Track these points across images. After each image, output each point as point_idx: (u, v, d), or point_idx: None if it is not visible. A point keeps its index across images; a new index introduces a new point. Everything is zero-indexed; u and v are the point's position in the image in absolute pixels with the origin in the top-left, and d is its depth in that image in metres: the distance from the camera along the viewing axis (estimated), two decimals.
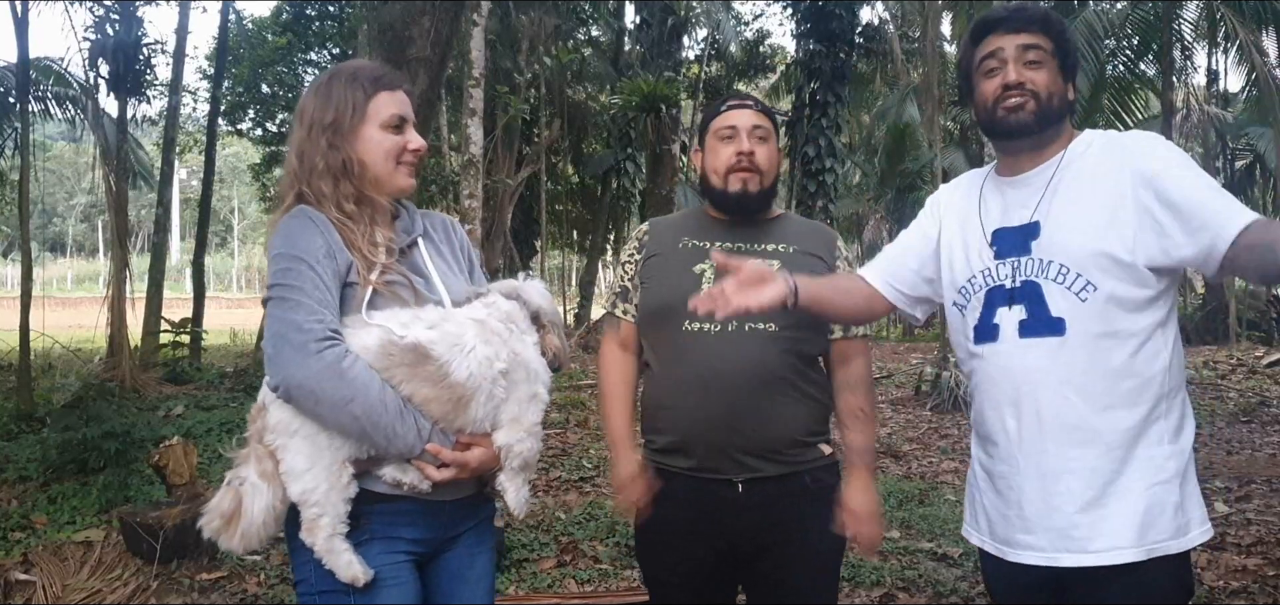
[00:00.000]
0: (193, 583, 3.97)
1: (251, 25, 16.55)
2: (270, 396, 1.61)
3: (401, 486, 1.65)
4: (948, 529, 4.80)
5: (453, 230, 1.93)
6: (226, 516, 1.63)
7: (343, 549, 1.61)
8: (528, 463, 1.74)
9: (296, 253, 1.61)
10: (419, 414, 1.62)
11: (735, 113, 2.16)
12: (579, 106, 17.40)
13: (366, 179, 1.72)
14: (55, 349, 10.80)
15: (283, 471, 1.61)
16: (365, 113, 1.73)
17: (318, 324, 1.56)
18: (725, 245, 2.11)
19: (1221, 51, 15.50)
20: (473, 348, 1.64)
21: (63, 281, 39.24)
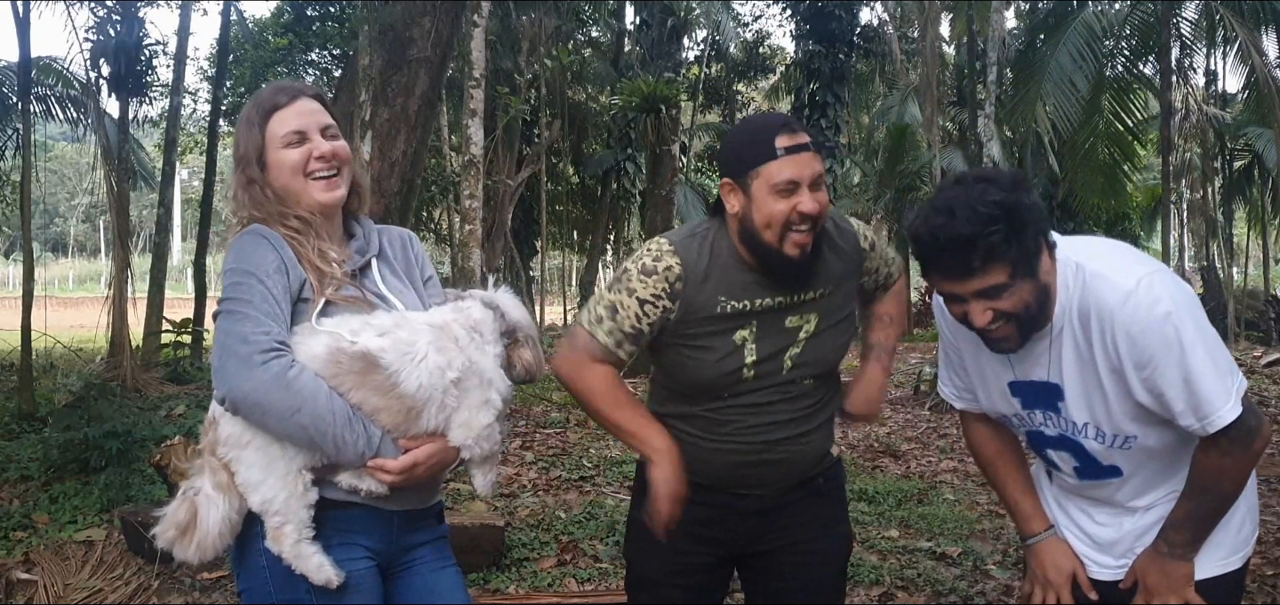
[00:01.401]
0: (194, 582, 3.98)
1: (253, 26, 16.56)
2: (220, 410, 1.62)
3: (358, 493, 1.66)
4: (947, 528, 4.82)
5: (409, 245, 1.92)
6: (181, 527, 1.65)
7: (312, 552, 1.61)
8: (490, 455, 1.74)
9: (247, 267, 1.63)
10: (369, 422, 1.62)
11: (797, 160, 1.80)
12: (579, 107, 17.42)
13: (287, 200, 1.74)
14: (57, 349, 10.81)
15: (240, 483, 1.62)
16: (263, 141, 1.76)
17: (263, 335, 1.57)
18: (764, 302, 1.90)
19: (1220, 52, 15.50)
20: (424, 356, 1.63)
21: (64, 281, 39.22)
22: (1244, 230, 22.63)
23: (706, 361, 1.91)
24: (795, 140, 1.82)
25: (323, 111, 1.79)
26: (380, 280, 1.79)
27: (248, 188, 1.75)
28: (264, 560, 1.64)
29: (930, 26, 13.15)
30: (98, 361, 10.87)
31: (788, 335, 1.92)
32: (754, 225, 1.84)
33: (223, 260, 1.70)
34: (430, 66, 5.63)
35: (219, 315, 1.62)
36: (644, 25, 18.97)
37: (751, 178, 1.83)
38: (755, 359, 1.90)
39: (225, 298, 1.62)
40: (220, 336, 1.60)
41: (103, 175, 11.26)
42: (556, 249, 20.79)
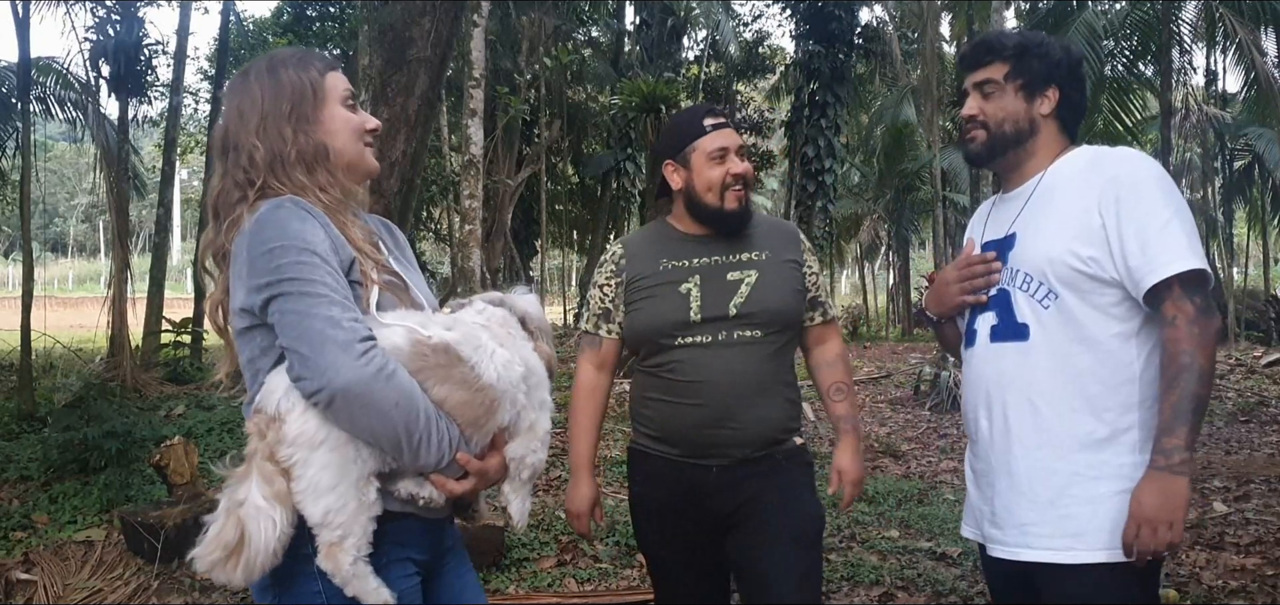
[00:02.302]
0: (193, 582, 3.98)
1: (252, 26, 16.56)
2: (289, 405, 1.42)
3: (416, 501, 1.52)
4: (946, 528, 4.82)
5: (396, 232, 1.80)
6: (230, 548, 1.41)
7: (369, 573, 1.44)
8: (536, 473, 1.65)
9: (304, 244, 1.42)
10: (449, 422, 1.49)
11: (723, 133, 2.22)
12: (579, 107, 17.42)
13: (340, 164, 1.58)
14: (56, 349, 10.81)
15: (299, 490, 1.41)
16: (324, 92, 1.58)
17: (355, 322, 1.39)
18: (704, 261, 2.21)
19: (1220, 51, 15.50)
20: (494, 350, 1.54)
21: (64, 281, 39.22)
22: (1244, 230, 22.63)
23: (659, 308, 2.20)
24: (718, 119, 2.25)
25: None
26: (390, 261, 1.66)
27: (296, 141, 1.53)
28: (318, 585, 1.44)
29: (930, 27, 13.14)
30: (97, 362, 10.87)
31: (730, 287, 2.19)
32: (697, 191, 2.22)
33: (251, 237, 1.44)
34: (430, 66, 5.62)
35: (284, 297, 1.40)
36: (644, 25, 18.97)
37: (689, 152, 2.23)
38: (701, 303, 2.17)
39: (289, 278, 1.40)
40: (306, 320, 1.38)
41: (102, 175, 11.26)
42: (556, 249, 20.79)
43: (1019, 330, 1.83)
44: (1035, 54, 1.88)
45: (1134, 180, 1.75)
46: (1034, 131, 1.89)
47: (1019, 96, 1.87)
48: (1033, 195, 1.88)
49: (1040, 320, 1.80)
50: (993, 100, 1.89)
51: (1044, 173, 1.88)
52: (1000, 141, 1.90)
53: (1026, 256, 1.84)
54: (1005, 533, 1.86)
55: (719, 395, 2.13)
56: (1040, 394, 1.81)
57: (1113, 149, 1.87)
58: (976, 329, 1.93)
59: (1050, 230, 1.80)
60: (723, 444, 2.15)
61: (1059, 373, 1.79)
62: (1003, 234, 1.91)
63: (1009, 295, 1.86)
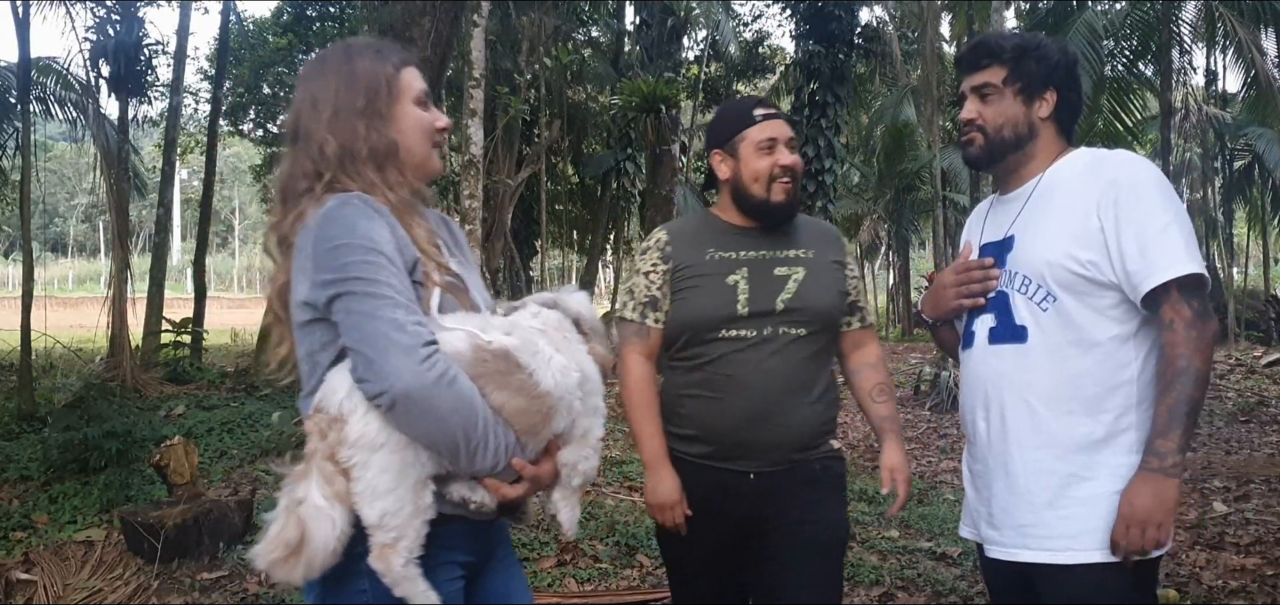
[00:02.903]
0: (193, 582, 3.98)
1: (252, 26, 16.56)
2: (351, 406, 1.42)
3: (468, 505, 1.52)
4: (947, 528, 4.82)
5: (454, 230, 1.78)
6: (291, 546, 1.41)
7: (418, 575, 1.44)
8: (587, 480, 1.64)
9: (371, 244, 1.41)
10: (505, 428, 1.48)
11: (772, 124, 2.18)
12: (579, 107, 17.41)
13: (409, 163, 1.57)
14: (56, 349, 10.81)
15: (358, 491, 1.42)
16: (398, 89, 1.57)
17: (419, 326, 1.39)
18: (752, 254, 2.17)
19: (1220, 51, 15.50)
20: (551, 356, 1.53)
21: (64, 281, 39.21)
22: (1244, 230, 22.63)
23: (705, 300, 2.15)
24: (769, 110, 2.21)
25: None
26: (450, 261, 1.63)
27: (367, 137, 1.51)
28: (366, 583, 1.45)
29: (930, 27, 13.14)
30: (97, 362, 10.87)
31: (778, 282, 2.15)
32: (744, 182, 2.17)
33: (318, 231, 1.44)
34: (430, 66, 5.63)
35: (348, 297, 1.40)
36: (644, 25, 18.95)
37: (738, 142, 2.19)
38: (748, 296, 2.13)
39: (353, 278, 1.39)
40: (368, 322, 1.38)
41: (102, 175, 11.26)
42: (556, 249, 20.78)
43: (1017, 332, 1.83)
44: (1033, 57, 1.87)
45: (1133, 183, 1.75)
46: (1033, 135, 1.89)
47: (1017, 100, 1.87)
48: (1031, 198, 1.88)
49: (1038, 322, 1.81)
50: (991, 104, 1.89)
51: (1042, 175, 1.88)
52: (999, 146, 1.90)
53: (1025, 259, 1.84)
54: (1003, 534, 1.86)
55: (760, 394, 2.09)
56: (1038, 395, 1.81)
57: (1111, 152, 1.87)
58: (975, 331, 1.93)
59: (1049, 233, 1.81)
60: (760, 446, 2.10)
61: (1057, 374, 1.79)
62: (1001, 236, 1.91)
63: (1007, 297, 1.87)
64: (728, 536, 2.17)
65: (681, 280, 2.18)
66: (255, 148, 20.16)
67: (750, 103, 2.24)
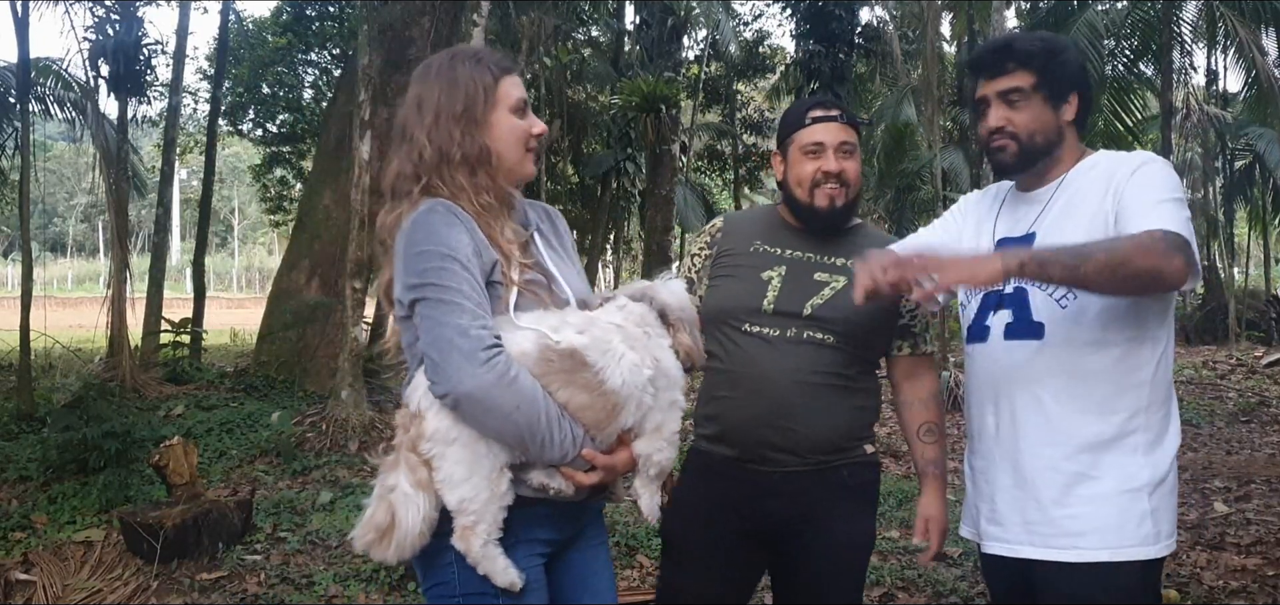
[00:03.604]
0: (193, 582, 3.97)
1: (251, 26, 16.55)
2: (427, 403, 1.56)
3: (547, 491, 1.62)
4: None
5: (556, 219, 1.88)
6: (382, 529, 1.58)
7: (498, 554, 1.57)
8: (664, 470, 1.71)
9: (448, 250, 1.53)
10: (573, 422, 1.58)
11: (822, 127, 2.12)
12: (579, 106, 17.39)
13: (501, 169, 1.66)
14: (56, 349, 10.80)
15: (439, 480, 1.56)
16: (495, 97, 1.66)
17: (483, 330, 1.51)
18: (796, 254, 2.14)
19: (1221, 51, 15.49)
20: (623, 354, 1.60)
21: (63, 281, 39.19)
22: (1244, 230, 22.61)
23: (734, 288, 2.14)
24: (825, 112, 2.14)
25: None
26: (544, 255, 1.73)
27: (462, 143, 1.61)
28: (452, 557, 1.58)
29: (930, 26, 13.13)
30: (96, 362, 10.85)
31: (814, 286, 2.11)
32: (790, 184, 2.16)
33: (406, 234, 1.57)
34: None
35: (424, 302, 1.53)
36: (644, 25, 18.95)
37: (790, 144, 2.17)
38: (777, 295, 2.10)
39: (428, 283, 1.53)
40: (436, 327, 1.51)
41: (101, 175, 11.25)
42: None
43: (1034, 329, 1.82)
44: (1061, 60, 1.86)
45: (1143, 164, 1.77)
46: (1061, 139, 1.88)
47: (1046, 106, 1.85)
48: (1053, 198, 1.87)
49: (1057, 320, 1.80)
50: (1021, 110, 1.85)
51: (1064, 177, 1.88)
52: (1031, 152, 1.87)
53: None
54: (1006, 529, 1.86)
55: (777, 392, 2.05)
56: (1051, 393, 1.80)
57: (1123, 154, 1.87)
58: (989, 325, 1.91)
59: (1071, 231, 1.79)
60: (779, 447, 2.07)
61: (1072, 372, 1.79)
62: (1021, 233, 1.90)
63: (1026, 293, 1.85)
64: (741, 535, 2.13)
65: (721, 266, 2.19)
66: (254, 147, 20.14)
67: (809, 104, 2.20)
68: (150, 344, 10.84)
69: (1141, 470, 1.75)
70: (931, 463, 2.20)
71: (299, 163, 17.38)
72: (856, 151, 2.15)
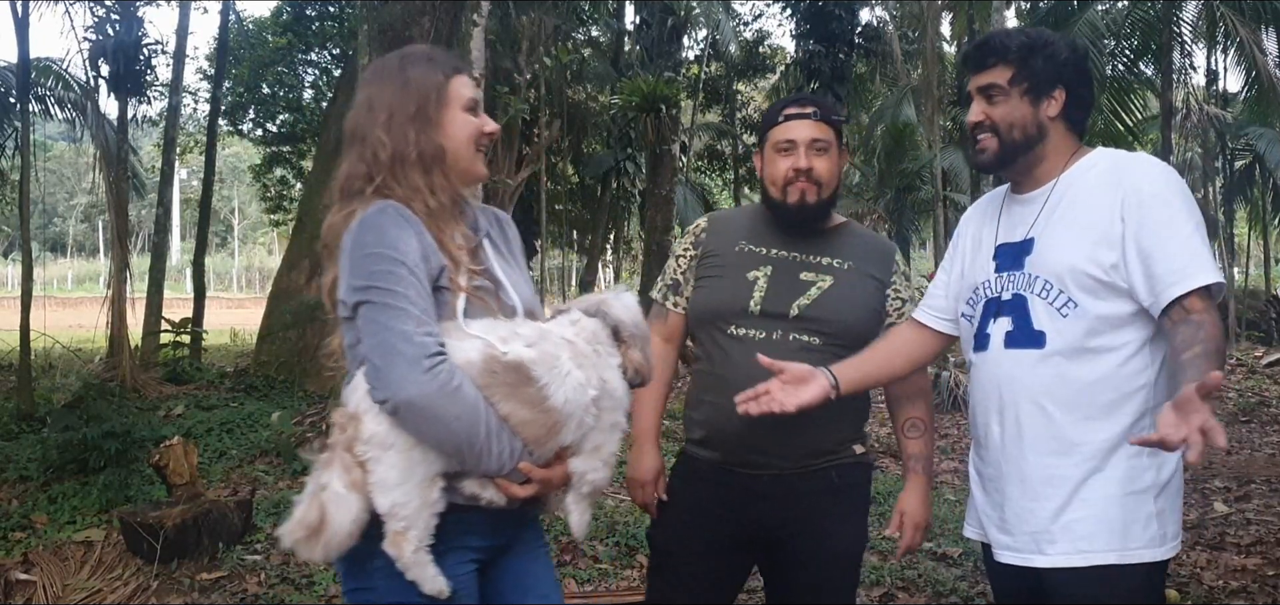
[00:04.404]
0: (193, 582, 3.97)
1: (252, 26, 16.56)
2: (367, 406, 1.53)
3: (479, 500, 1.60)
4: (947, 529, 4.81)
5: (506, 225, 1.84)
6: (312, 528, 1.55)
7: (428, 561, 1.55)
8: (597, 489, 1.70)
9: (395, 254, 1.51)
10: (512, 435, 1.56)
11: (795, 124, 2.11)
12: (579, 106, 17.39)
13: (454, 168, 1.64)
14: (56, 349, 10.80)
15: (372, 483, 1.53)
16: (447, 96, 1.64)
17: (427, 337, 1.48)
18: (781, 254, 2.13)
19: (1221, 51, 15.49)
20: (569, 372, 1.58)
21: (63, 281, 39.20)
22: (1244, 230, 22.62)
23: (720, 290, 2.13)
24: (799, 110, 2.13)
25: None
26: (493, 262, 1.71)
27: (417, 143, 1.60)
28: (380, 562, 1.56)
29: (930, 26, 13.13)
30: (96, 362, 10.86)
31: (800, 286, 2.10)
32: (766, 182, 2.15)
33: (352, 235, 1.54)
34: None
35: (368, 306, 1.50)
36: (644, 25, 18.96)
37: (766, 142, 2.16)
38: (763, 295, 2.09)
39: (372, 285, 1.50)
40: (379, 331, 1.48)
41: (101, 175, 11.25)
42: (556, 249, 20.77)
43: (1035, 337, 1.81)
44: (1042, 54, 1.83)
45: (1155, 190, 1.74)
46: (1042, 135, 1.86)
47: (1025, 100, 1.83)
48: (1049, 199, 1.85)
49: (1058, 328, 1.79)
50: (999, 105, 1.85)
51: (1059, 177, 1.86)
52: (1009, 148, 1.86)
53: (1045, 263, 1.81)
54: (1016, 539, 1.84)
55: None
56: (1054, 401, 1.79)
57: (1132, 156, 1.85)
58: (990, 334, 1.90)
59: (1071, 238, 1.78)
60: (768, 451, 2.05)
61: (1075, 380, 1.78)
62: (1019, 238, 1.88)
63: (1025, 301, 1.83)
64: (731, 541, 2.11)
65: (706, 267, 2.18)
66: (254, 147, 20.15)
67: (785, 102, 2.18)
68: (150, 344, 10.84)
69: (1146, 472, 1.74)
70: (914, 457, 2.20)
71: (299, 163, 17.38)
72: (832, 149, 2.12)
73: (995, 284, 1.90)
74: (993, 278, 1.91)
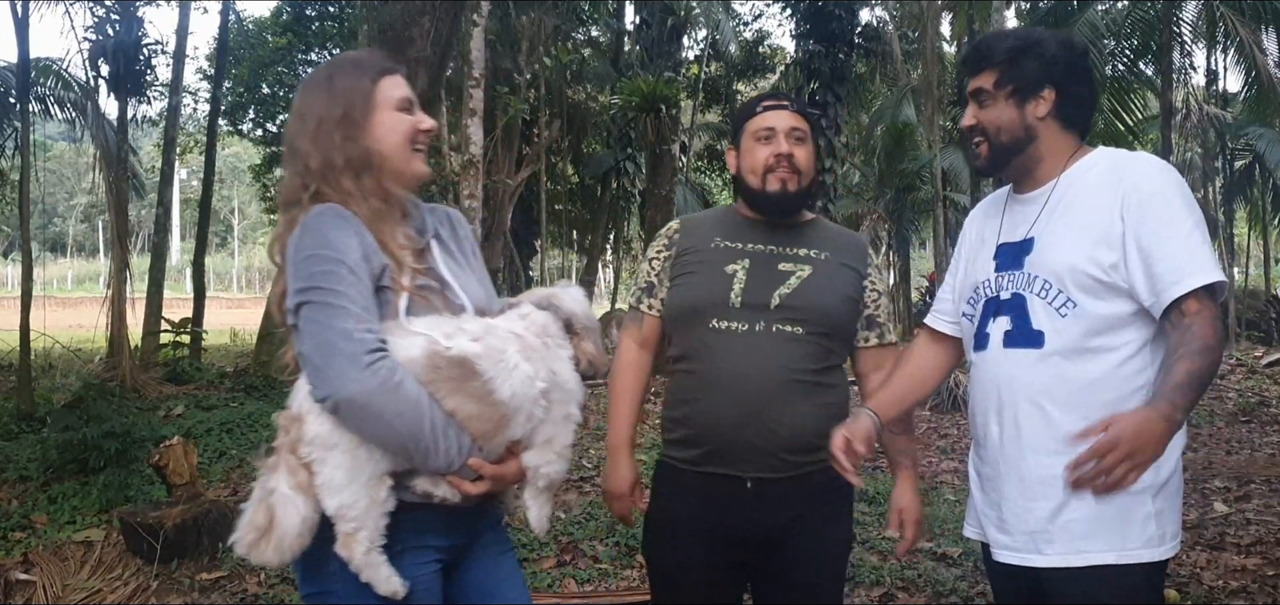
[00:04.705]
0: (193, 582, 3.98)
1: (252, 26, 16.56)
2: (309, 406, 1.53)
3: (432, 498, 1.59)
4: (947, 529, 4.81)
5: (458, 225, 1.84)
6: (261, 530, 1.55)
7: (381, 562, 1.54)
8: (553, 483, 1.69)
9: (334, 254, 1.51)
10: (460, 431, 1.55)
11: (773, 114, 2.14)
12: (579, 106, 17.39)
13: (386, 170, 1.63)
14: (56, 349, 10.81)
15: (319, 484, 1.53)
16: (375, 99, 1.64)
17: (367, 333, 1.48)
18: (758, 247, 2.12)
19: (1221, 51, 15.50)
20: (516, 365, 1.58)
21: (63, 281, 39.21)
22: (1244, 230, 22.62)
23: (699, 285, 2.12)
24: (776, 101, 2.18)
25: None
26: (440, 264, 1.71)
27: (343, 147, 1.60)
28: (335, 565, 1.56)
29: (930, 26, 13.13)
30: (96, 362, 10.86)
31: (779, 277, 2.09)
32: (743, 172, 2.16)
33: (295, 239, 1.55)
34: (430, 66, 5.62)
35: (308, 306, 1.50)
36: (644, 25, 18.95)
37: (742, 134, 2.17)
38: (743, 287, 2.08)
39: (313, 286, 1.50)
40: (318, 330, 1.48)
41: (101, 175, 11.26)
42: (556, 249, 20.77)
43: (1034, 337, 1.81)
44: (1030, 56, 1.83)
45: (1155, 189, 1.74)
46: (1032, 137, 1.85)
47: (1010, 103, 1.84)
48: (1049, 199, 1.85)
49: (1057, 327, 1.78)
50: (988, 109, 1.86)
51: (1059, 177, 1.85)
52: (999, 151, 1.88)
53: (1045, 262, 1.81)
54: (1015, 538, 1.84)
55: (751, 390, 2.01)
56: (1053, 401, 1.79)
57: (1132, 155, 1.85)
58: (989, 333, 1.90)
59: (1070, 238, 1.78)
60: (754, 448, 2.02)
61: (1074, 380, 1.77)
62: (1020, 238, 1.87)
63: (1024, 301, 1.83)
64: (723, 551, 2.09)
65: (682, 265, 2.16)
66: (255, 148, 20.15)
67: (760, 97, 2.22)
68: (150, 344, 10.85)
69: (1145, 472, 1.74)
70: (901, 451, 2.19)
71: None
72: (808, 140, 2.14)
73: (995, 283, 1.90)
74: (992, 277, 1.91)
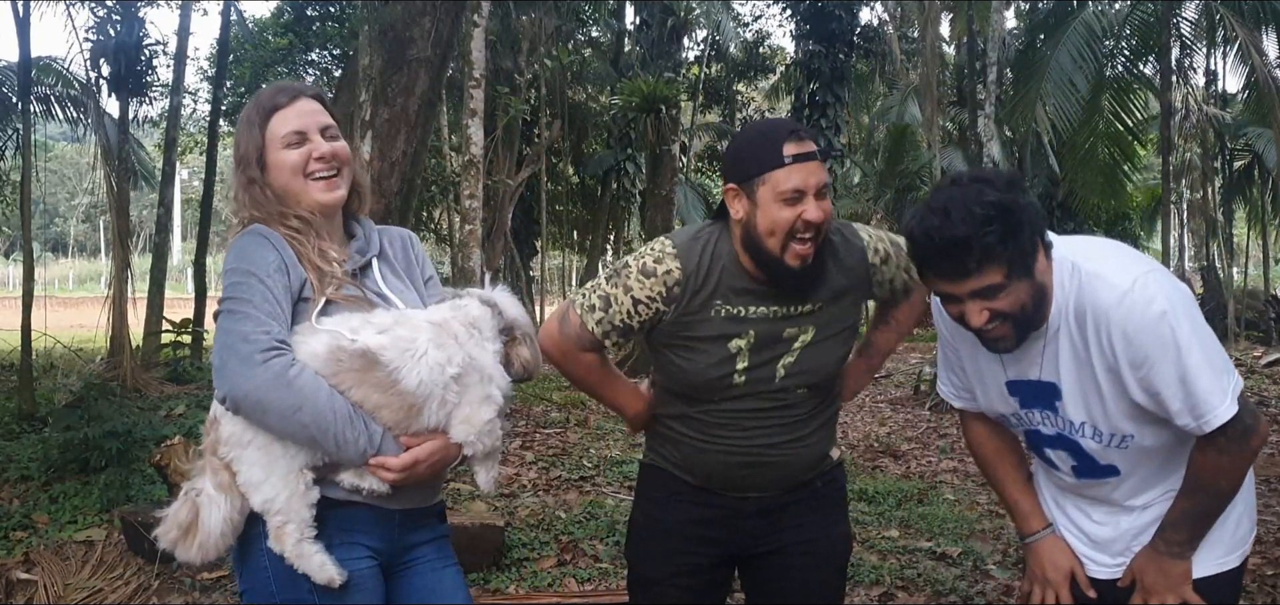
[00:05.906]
0: (194, 582, 3.98)
1: (253, 26, 16.54)
2: (221, 409, 1.62)
3: (360, 492, 1.67)
4: (947, 528, 4.82)
5: (410, 246, 1.93)
6: (184, 528, 1.65)
7: (314, 552, 1.61)
8: (492, 451, 1.74)
9: (247, 267, 1.63)
10: (370, 420, 1.63)
11: (803, 169, 1.80)
12: (579, 107, 17.41)
13: (287, 200, 1.75)
14: (57, 349, 10.80)
15: (241, 483, 1.62)
16: (263, 141, 1.76)
17: (264, 334, 1.57)
18: (762, 311, 1.90)
19: (1220, 51, 15.49)
20: (424, 353, 1.63)
21: (64, 281, 39.19)
22: (1244, 230, 22.61)
23: (698, 365, 1.93)
24: (803, 148, 1.82)
25: (323, 112, 1.80)
26: (381, 280, 1.80)
27: (248, 188, 1.76)
28: (266, 560, 1.64)
29: (930, 26, 13.14)
30: (98, 361, 10.86)
31: (783, 344, 1.93)
32: (758, 232, 1.83)
33: (224, 260, 1.70)
34: (430, 66, 5.63)
35: (220, 315, 1.62)
36: (644, 25, 18.98)
37: (758, 184, 1.82)
38: (748, 365, 1.92)
39: (226, 297, 1.62)
40: (221, 336, 1.60)
41: (103, 175, 11.26)
42: (556, 249, 20.78)
43: (1107, 470, 1.82)
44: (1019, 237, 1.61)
45: (1146, 331, 1.63)
46: (1045, 292, 1.70)
47: (1023, 282, 1.64)
48: (1047, 343, 1.75)
49: (1125, 457, 1.79)
50: (1002, 298, 1.65)
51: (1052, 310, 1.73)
52: (1026, 324, 1.70)
53: (1084, 413, 1.77)
54: (1111, 556, 1.89)
55: (754, 446, 1.96)
56: (1135, 492, 1.84)
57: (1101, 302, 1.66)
58: (1054, 461, 1.89)
59: (1097, 402, 1.74)
60: (756, 484, 2.00)
61: (1156, 477, 1.82)
62: (1035, 377, 1.78)
63: (1077, 443, 1.80)
64: (713, 561, 2.06)
65: (680, 335, 1.93)
66: None
67: (781, 134, 1.83)
68: (151, 344, 10.86)
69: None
70: (871, 345, 2.20)
71: None
72: (829, 189, 1.88)
73: (1028, 418, 1.86)
74: (1022, 412, 1.86)
